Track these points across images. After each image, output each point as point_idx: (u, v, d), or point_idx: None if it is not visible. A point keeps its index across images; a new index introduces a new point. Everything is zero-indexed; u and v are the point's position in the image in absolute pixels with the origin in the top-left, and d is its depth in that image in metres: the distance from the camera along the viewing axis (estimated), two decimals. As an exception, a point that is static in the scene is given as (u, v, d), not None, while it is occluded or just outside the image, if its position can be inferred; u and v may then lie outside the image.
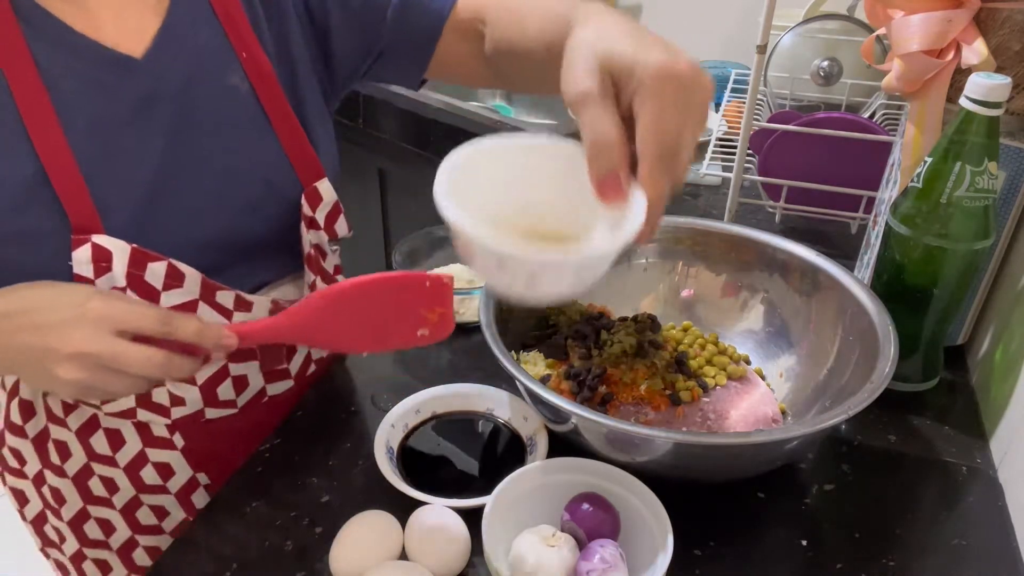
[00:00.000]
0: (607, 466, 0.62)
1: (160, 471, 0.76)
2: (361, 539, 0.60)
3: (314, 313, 0.59)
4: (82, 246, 0.61)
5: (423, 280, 0.60)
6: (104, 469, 0.76)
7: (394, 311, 0.60)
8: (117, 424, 0.74)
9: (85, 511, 0.78)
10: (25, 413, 0.75)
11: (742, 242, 0.82)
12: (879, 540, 0.65)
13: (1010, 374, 0.74)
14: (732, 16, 1.65)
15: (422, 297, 0.60)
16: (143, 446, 0.75)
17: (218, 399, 0.74)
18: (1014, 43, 0.71)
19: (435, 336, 0.61)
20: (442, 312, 0.61)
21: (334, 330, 0.60)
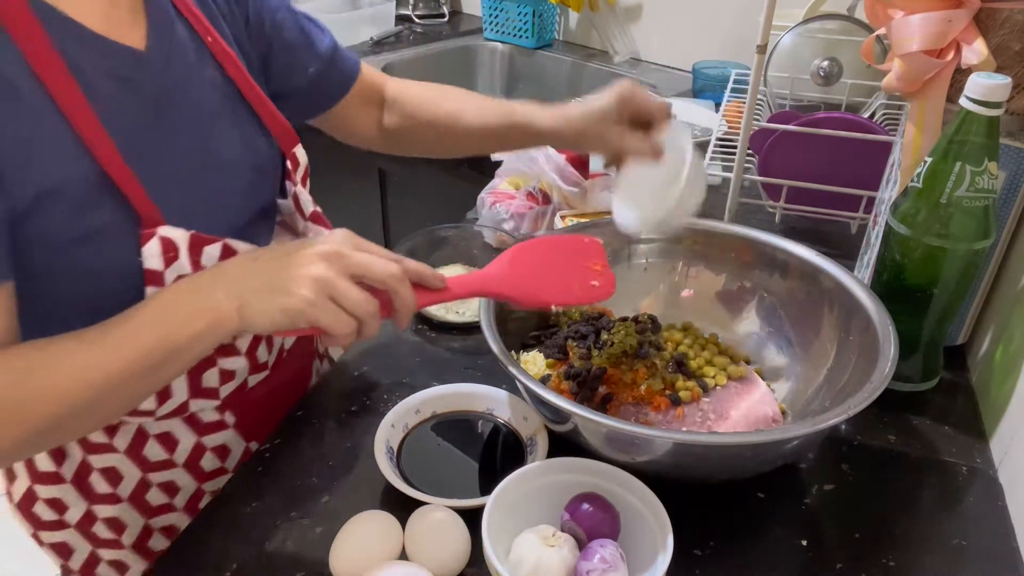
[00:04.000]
0: (607, 466, 0.62)
1: (218, 454, 0.78)
2: (361, 539, 0.60)
3: (508, 266, 0.67)
4: (151, 240, 0.62)
5: (581, 239, 0.73)
6: (162, 475, 0.76)
7: (568, 263, 0.70)
8: (166, 427, 0.74)
9: (148, 528, 0.79)
10: (56, 458, 0.74)
11: (742, 242, 0.82)
12: (879, 540, 0.65)
13: (1010, 374, 0.74)
14: (732, 16, 1.65)
15: (585, 252, 0.72)
16: (198, 437, 0.76)
17: (257, 362, 0.76)
18: (1014, 43, 0.71)
19: (604, 288, 0.69)
20: (603, 265, 0.71)
21: (524, 280, 0.67)
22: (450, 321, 0.89)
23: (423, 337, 0.89)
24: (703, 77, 1.59)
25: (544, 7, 1.86)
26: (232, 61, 0.73)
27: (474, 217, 1.09)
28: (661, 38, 1.81)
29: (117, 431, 0.73)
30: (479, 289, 0.65)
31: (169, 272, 0.63)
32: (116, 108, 0.62)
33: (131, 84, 0.64)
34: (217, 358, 0.71)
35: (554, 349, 0.75)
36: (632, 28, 1.83)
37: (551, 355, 0.74)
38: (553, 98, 1.86)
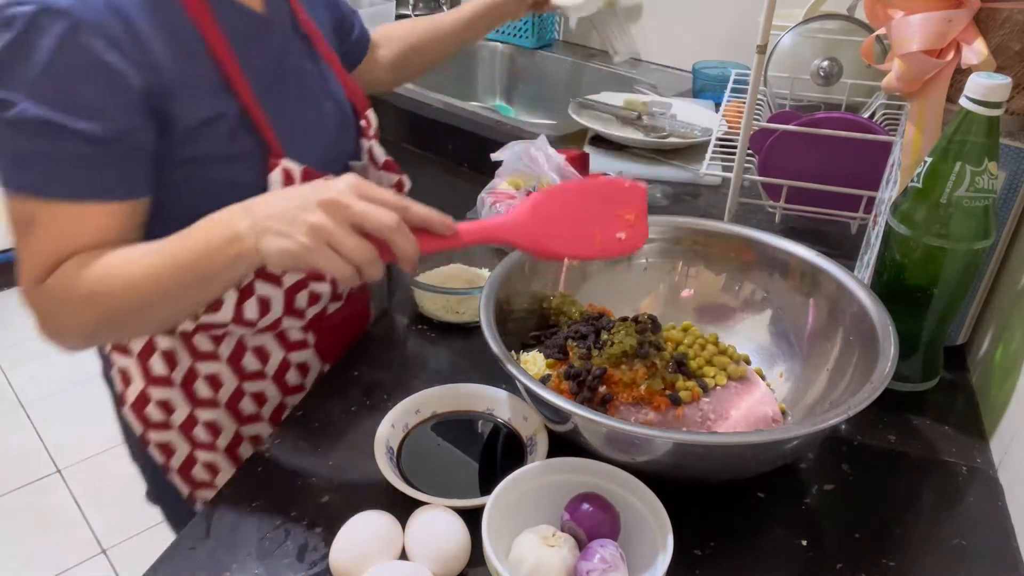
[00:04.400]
0: (607, 466, 0.62)
1: (300, 370, 0.90)
2: (361, 539, 0.60)
3: (526, 213, 0.66)
4: (275, 168, 0.74)
5: (621, 184, 0.69)
6: (255, 385, 0.88)
7: (596, 211, 0.68)
8: (261, 341, 0.86)
9: (239, 434, 0.89)
10: (169, 363, 0.85)
11: (742, 242, 0.82)
12: (879, 540, 0.65)
13: (1010, 374, 0.74)
14: (732, 16, 1.65)
15: (620, 199, 0.69)
16: (285, 352, 0.87)
17: (337, 291, 0.88)
18: (1014, 43, 0.71)
19: (632, 241, 0.68)
20: (638, 215, 0.68)
21: (542, 231, 0.66)
22: (450, 321, 0.89)
23: (423, 337, 0.89)
24: (703, 77, 1.59)
25: (544, 7, 1.86)
26: (317, 34, 0.87)
27: (474, 217, 1.09)
28: (661, 38, 1.81)
29: (222, 341, 0.84)
30: (490, 236, 0.66)
31: None
32: (249, 58, 0.75)
33: (257, 40, 0.77)
34: (309, 281, 0.83)
35: (554, 349, 0.75)
36: (632, 28, 1.83)
37: (551, 355, 0.74)
38: (553, 98, 1.87)
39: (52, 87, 0.63)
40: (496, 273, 0.75)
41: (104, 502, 1.91)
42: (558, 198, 0.68)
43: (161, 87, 0.68)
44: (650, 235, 0.84)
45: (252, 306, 0.80)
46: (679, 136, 1.36)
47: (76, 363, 2.36)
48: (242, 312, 0.80)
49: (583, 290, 0.83)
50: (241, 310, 0.80)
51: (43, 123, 0.63)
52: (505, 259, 0.77)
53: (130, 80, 0.65)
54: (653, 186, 1.20)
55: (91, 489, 1.95)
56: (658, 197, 1.19)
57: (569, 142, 1.41)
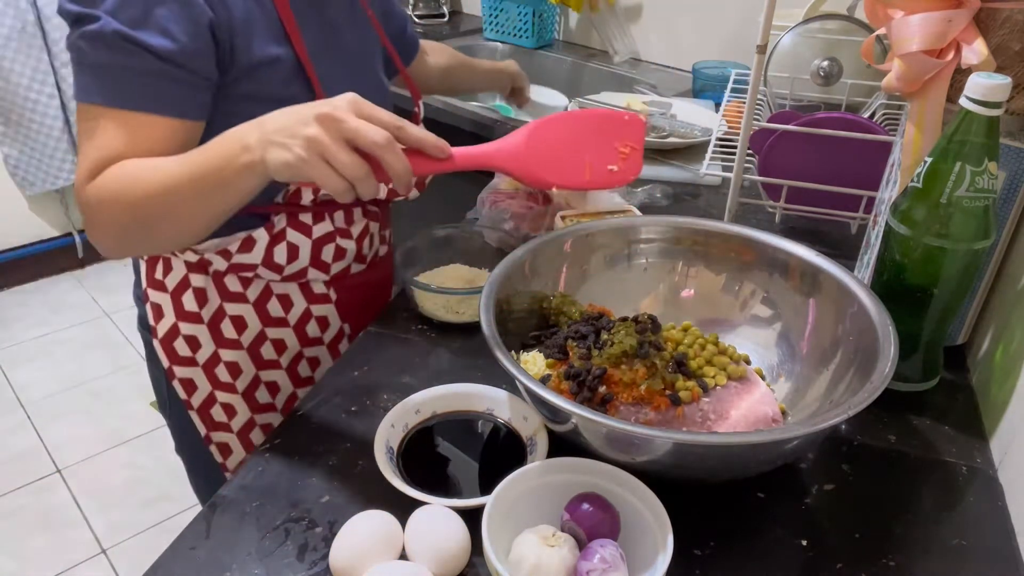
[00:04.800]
0: (607, 466, 0.62)
1: (320, 324, 0.96)
2: (361, 539, 0.60)
3: (522, 142, 0.67)
4: None
5: (621, 116, 0.71)
6: (276, 332, 0.94)
7: (592, 142, 0.69)
8: (286, 289, 0.92)
9: (257, 378, 0.95)
10: (200, 300, 0.91)
11: (742, 242, 0.82)
12: (879, 540, 0.65)
13: (1010, 374, 0.74)
14: (732, 16, 1.65)
15: (619, 131, 0.70)
16: (308, 304, 0.94)
17: (362, 252, 0.95)
18: (1014, 43, 0.71)
19: (623, 174, 0.69)
20: (633, 148, 0.70)
21: (535, 159, 0.67)
22: (450, 321, 0.89)
23: (423, 337, 0.89)
24: (703, 77, 1.59)
25: (544, 7, 1.86)
26: (373, 19, 0.96)
27: (474, 217, 1.09)
28: (661, 38, 1.81)
29: (251, 284, 0.91)
30: (483, 162, 0.68)
31: None
32: (306, 21, 0.83)
33: (321, 12, 0.86)
34: (336, 236, 0.90)
35: (554, 349, 0.75)
36: (632, 28, 1.83)
37: (551, 355, 0.74)
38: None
39: (131, 7, 0.71)
40: (496, 273, 0.75)
41: (104, 502, 1.91)
42: (555, 127, 0.69)
43: (229, 23, 0.76)
44: (650, 235, 0.85)
45: (282, 251, 0.87)
46: (679, 136, 1.36)
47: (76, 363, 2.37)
48: (272, 255, 0.87)
49: (583, 290, 0.83)
50: (271, 253, 0.87)
51: (121, 37, 0.70)
52: (505, 259, 0.77)
53: (203, 10, 0.73)
54: (653, 186, 1.20)
55: (91, 489, 1.95)
56: (658, 197, 1.19)
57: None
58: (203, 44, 0.74)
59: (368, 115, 0.63)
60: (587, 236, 0.84)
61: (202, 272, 0.90)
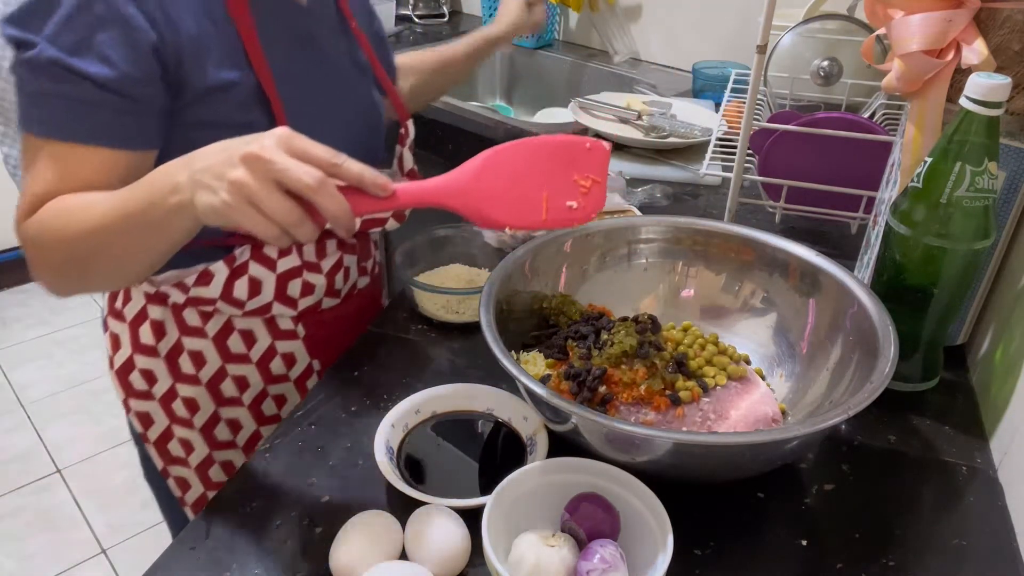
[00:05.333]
0: (607, 466, 0.62)
1: (286, 361, 0.91)
2: (361, 539, 0.60)
3: (469, 175, 0.61)
4: None
5: (582, 144, 0.63)
6: (238, 368, 0.89)
7: (550, 175, 0.62)
8: (249, 324, 0.87)
9: (216, 414, 0.91)
10: (157, 333, 0.87)
11: (742, 242, 0.82)
12: (879, 540, 0.65)
13: (1010, 374, 0.74)
14: (732, 16, 1.65)
15: (579, 162, 0.63)
16: (272, 340, 0.89)
17: (333, 287, 0.90)
18: (1014, 43, 0.71)
19: (584, 211, 0.62)
20: (595, 181, 0.62)
21: (485, 195, 0.61)
22: (450, 321, 0.89)
23: (423, 337, 0.89)
24: (703, 77, 1.59)
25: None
26: (364, 41, 0.91)
27: (474, 217, 1.09)
28: (661, 38, 1.81)
29: (211, 318, 0.86)
30: (430, 199, 0.61)
31: None
32: (276, 40, 0.78)
33: (292, 29, 0.81)
34: (303, 270, 0.86)
35: (554, 349, 0.75)
36: (632, 28, 1.83)
37: (551, 355, 0.74)
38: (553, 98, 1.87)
39: (70, 32, 0.67)
40: (496, 273, 0.75)
41: (104, 502, 1.91)
42: (508, 157, 0.62)
43: (176, 46, 0.70)
44: (650, 235, 0.85)
45: (243, 286, 0.83)
46: (679, 136, 1.36)
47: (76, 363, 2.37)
48: (231, 290, 0.82)
49: (583, 290, 0.83)
50: (231, 288, 0.82)
51: (58, 65, 0.66)
52: (505, 259, 0.77)
53: (146, 34, 0.68)
54: (653, 186, 1.20)
55: (91, 489, 1.95)
56: (658, 197, 1.19)
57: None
58: (146, 70, 0.69)
59: (300, 152, 0.57)
60: (587, 236, 0.84)
61: (160, 304, 0.86)
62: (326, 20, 0.86)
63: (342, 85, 0.87)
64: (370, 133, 0.92)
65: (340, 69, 0.87)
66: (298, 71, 0.81)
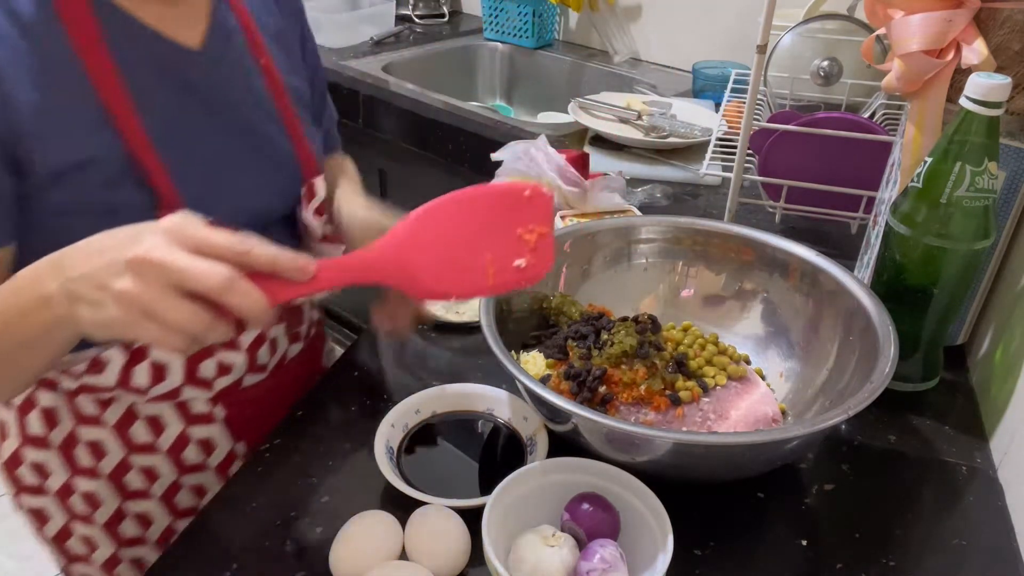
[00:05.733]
0: (607, 466, 0.62)
1: (202, 447, 0.80)
2: (361, 539, 0.60)
3: (402, 243, 0.53)
4: None
5: (521, 190, 0.54)
6: (144, 459, 0.78)
7: (489, 233, 0.54)
8: (156, 410, 0.76)
9: (121, 510, 0.80)
10: (48, 422, 0.76)
11: (742, 242, 0.82)
12: (879, 540, 0.65)
13: (1010, 374, 0.74)
14: (732, 16, 1.65)
15: (520, 213, 0.54)
16: (184, 426, 0.78)
17: (256, 363, 0.79)
18: (1014, 43, 0.71)
19: (534, 269, 0.55)
20: (542, 233, 0.54)
21: (419, 265, 0.53)
22: (450, 321, 0.89)
23: (423, 337, 0.89)
24: (703, 77, 1.59)
25: (544, 7, 1.86)
26: (277, 85, 0.77)
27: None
28: (661, 38, 1.81)
29: (109, 405, 0.75)
30: (358, 275, 0.53)
31: None
32: (156, 96, 0.67)
33: (177, 77, 0.68)
34: (216, 349, 0.74)
35: (554, 349, 0.75)
36: (632, 28, 1.83)
37: (551, 355, 0.74)
38: (553, 98, 1.87)
39: None
40: (496, 273, 0.75)
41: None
42: (441, 217, 0.54)
43: (14, 124, 0.59)
44: (650, 235, 0.85)
45: (143, 371, 0.71)
46: (679, 136, 1.36)
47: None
48: (129, 377, 0.71)
49: (583, 290, 0.83)
50: (129, 374, 0.71)
51: None
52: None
53: None
54: (653, 186, 1.20)
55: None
56: (658, 197, 1.19)
57: (569, 142, 1.41)
58: None
59: (198, 245, 0.48)
60: (587, 236, 0.84)
61: (50, 390, 0.74)
62: (227, 61, 0.73)
63: (251, 135, 0.75)
64: (293, 183, 0.79)
65: (247, 117, 0.75)
66: (188, 128, 0.69)
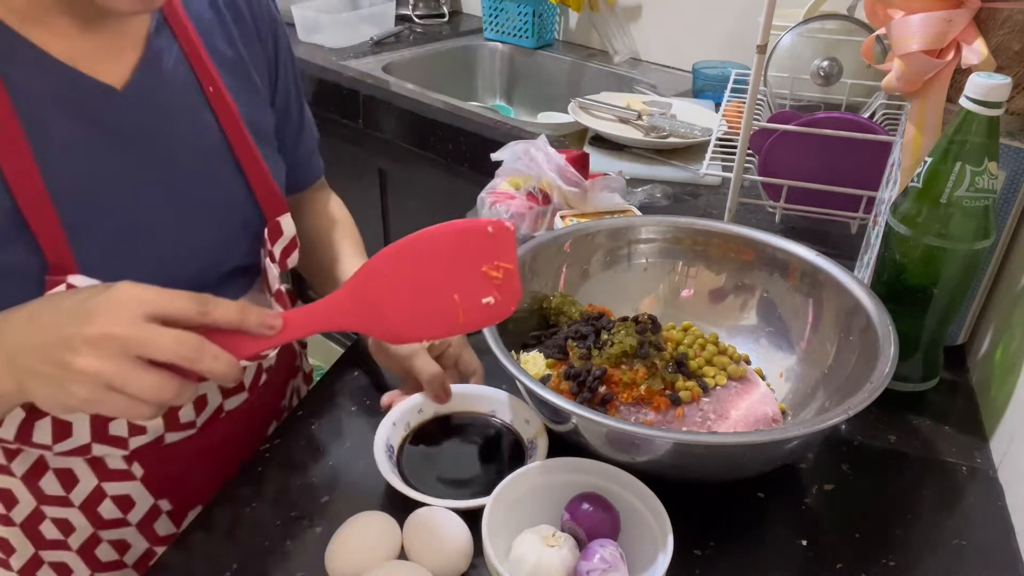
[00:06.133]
0: (607, 466, 0.62)
1: (119, 504, 0.73)
2: (361, 539, 0.60)
3: (368, 287, 0.53)
4: (58, 287, 0.58)
5: (483, 227, 0.53)
6: (57, 511, 0.73)
7: (455, 273, 0.53)
8: (67, 463, 0.71)
9: (37, 557, 0.75)
10: None
11: (742, 242, 0.82)
12: (879, 540, 0.65)
13: (1010, 374, 0.74)
14: (732, 16, 1.65)
15: (484, 250, 0.54)
16: (99, 481, 0.72)
17: (179, 422, 0.72)
18: (1014, 43, 0.71)
19: (504, 305, 0.54)
20: (507, 269, 0.54)
21: (386, 309, 0.53)
22: (450, 321, 0.89)
23: (423, 337, 0.89)
24: (703, 77, 1.59)
25: (544, 7, 1.86)
26: (231, 115, 0.70)
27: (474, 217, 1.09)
28: (661, 38, 1.81)
29: (16, 455, 0.70)
30: (328, 323, 0.53)
31: None
32: (64, 143, 0.59)
33: (92, 119, 0.61)
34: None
35: (554, 349, 0.75)
36: (632, 28, 1.83)
37: (551, 355, 0.74)
38: (553, 98, 1.87)
39: None
40: (496, 273, 0.75)
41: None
42: (405, 259, 0.53)
43: None
44: (650, 235, 0.85)
45: (45, 428, 0.66)
46: (679, 136, 1.36)
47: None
48: (30, 432, 0.66)
49: (583, 290, 0.83)
50: (30, 429, 0.66)
51: None
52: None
53: None
54: (653, 186, 1.20)
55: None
56: (658, 197, 1.19)
57: (569, 142, 1.41)
58: None
59: (159, 312, 0.46)
60: (587, 236, 0.84)
61: None
62: (162, 97, 0.66)
63: (192, 180, 0.68)
64: (237, 229, 0.72)
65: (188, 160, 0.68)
66: (103, 180, 0.62)
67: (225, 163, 0.71)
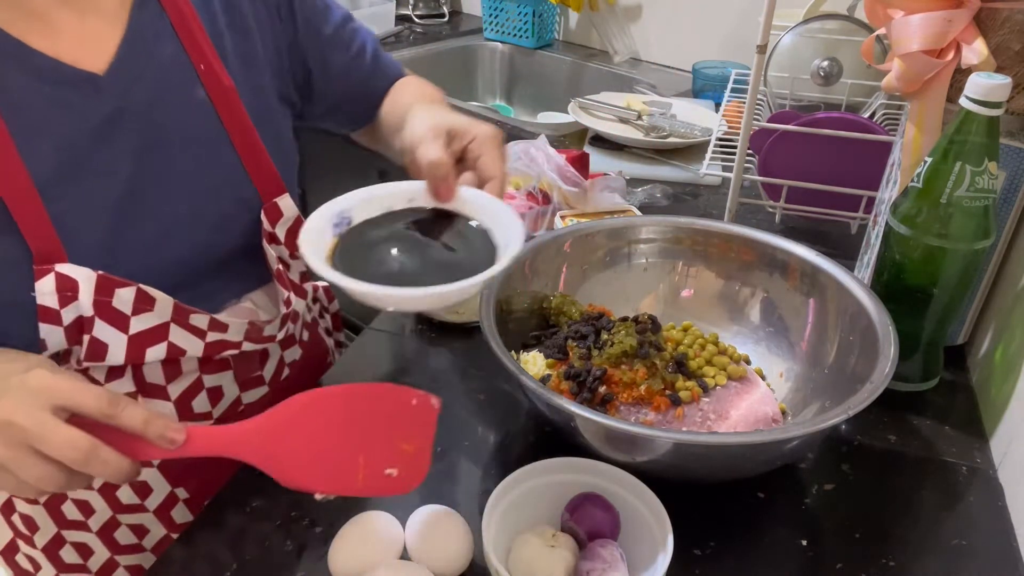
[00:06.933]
0: (607, 466, 0.62)
1: (137, 490, 0.74)
2: (361, 539, 0.60)
3: (277, 428, 0.53)
4: (45, 276, 0.58)
5: (408, 399, 0.54)
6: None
7: (367, 435, 0.54)
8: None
9: (60, 536, 0.76)
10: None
11: (742, 242, 0.82)
12: (879, 540, 0.65)
13: (1010, 374, 0.74)
14: (732, 16, 1.65)
15: (402, 422, 0.54)
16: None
17: (193, 412, 0.73)
18: (1014, 43, 0.71)
19: (404, 481, 0.55)
20: (420, 447, 0.54)
21: (293, 453, 0.53)
22: (450, 321, 0.89)
23: (423, 337, 0.89)
24: (703, 77, 1.59)
25: (544, 7, 1.86)
26: (225, 92, 0.68)
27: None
28: (661, 38, 1.81)
29: None
30: (226, 451, 0.53)
31: (66, 312, 0.60)
32: (46, 133, 0.59)
33: (65, 107, 0.60)
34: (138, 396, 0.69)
35: (554, 349, 0.75)
36: (632, 28, 1.83)
37: (551, 355, 0.74)
38: (553, 98, 1.87)
39: None
40: (496, 273, 0.75)
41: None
42: (321, 410, 0.54)
43: None
44: (650, 235, 0.85)
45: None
46: (679, 136, 1.36)
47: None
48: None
49: (583, 290, 0.83)
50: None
51: None
52: (505, 259, 0.77)
53: None
54: (653, 186, 1.20)
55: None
56: (658, 197, 1.19)
57: (569, 142, 1.41)
58: None
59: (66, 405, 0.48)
60: (587, 236, 0.84)
61: None
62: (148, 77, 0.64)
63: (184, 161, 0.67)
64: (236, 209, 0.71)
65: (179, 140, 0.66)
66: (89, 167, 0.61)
67: (219, 143, 0.69)
